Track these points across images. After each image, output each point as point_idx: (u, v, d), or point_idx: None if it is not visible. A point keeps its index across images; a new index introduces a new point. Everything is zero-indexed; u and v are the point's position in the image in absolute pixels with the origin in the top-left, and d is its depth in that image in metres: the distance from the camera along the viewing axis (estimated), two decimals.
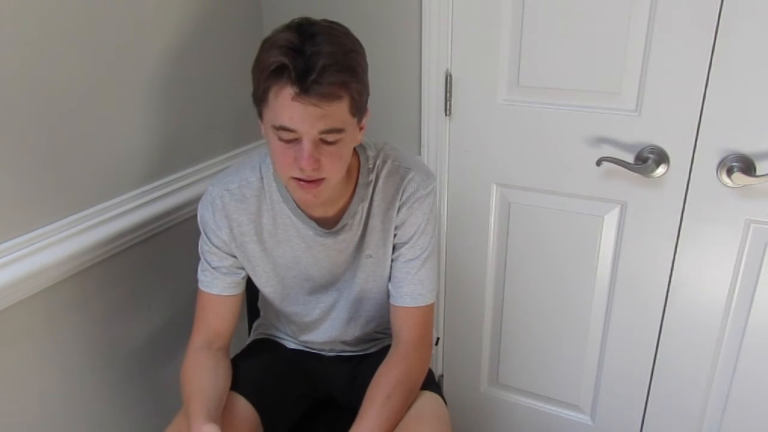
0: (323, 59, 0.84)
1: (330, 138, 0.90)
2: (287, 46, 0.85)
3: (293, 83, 0.85)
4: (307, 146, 0.89)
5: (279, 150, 0.92)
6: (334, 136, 0.90)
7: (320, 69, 0.84)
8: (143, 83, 1.24)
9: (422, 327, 1.12)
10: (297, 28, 0.88)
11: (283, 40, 0.86)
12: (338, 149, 0.92)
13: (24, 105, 1.02)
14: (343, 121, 0.90)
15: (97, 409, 1.26)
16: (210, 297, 1.11)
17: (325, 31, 0.88)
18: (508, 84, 1.40)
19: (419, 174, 1.08)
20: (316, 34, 0.86)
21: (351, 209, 1.07)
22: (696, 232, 1.32)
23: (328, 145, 0.91)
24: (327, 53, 0.85)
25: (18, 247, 1.03)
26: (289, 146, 0.91)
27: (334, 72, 0.85)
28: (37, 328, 1.10)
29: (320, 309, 1.18)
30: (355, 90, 0.89)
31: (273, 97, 0.88)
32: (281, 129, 0.89)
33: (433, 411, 1.08)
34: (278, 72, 0.86)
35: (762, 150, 1.20)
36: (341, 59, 0.86)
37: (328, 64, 0.85)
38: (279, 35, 0.88)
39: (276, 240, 1.10)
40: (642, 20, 1.22)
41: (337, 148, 0.92)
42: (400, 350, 1.10)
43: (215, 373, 1.06)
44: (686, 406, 1.46)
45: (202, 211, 1.10)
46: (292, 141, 0.90)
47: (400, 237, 1.09)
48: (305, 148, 0.89)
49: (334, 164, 0.93)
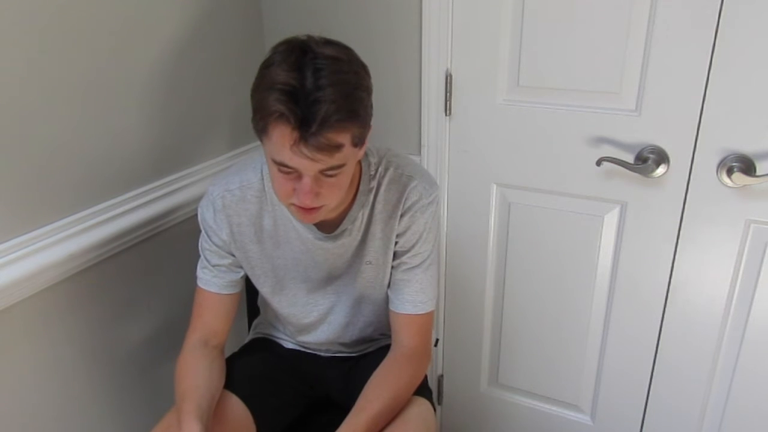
0: (325, 107, 0.81)
1: (331, 173, 0.89)
2: (286, 90, 0.82)
3: (293, 130, 0.82)
4: (307, 182, 0.88)
5: (278, 179, 0.92)
6: (334, 171, 0.89)
7: (321, 120, 0.81)
8: (143, 83, 1.24)
9: (422, 334, 1.12)
10: (298, 59, 0.83)
11: (282, 82, 0.82)
12: (338, 180, 0.92)
13: (23, 105, 1.01)
14: (344, 158, 0.88)
15: (94, 410, 1.25)
16: (208, 295, 1.12)
17: (327, 66, 0.83)
18: (508, 84, 1.39)
19: (422, 182, 1.07)
20: (319, 70, 0.82)
21: (351, 215, 1.07)
22: (696, 233, 1.32)
23: (329, 177, 0.90)
24: (330, 100, 0.81)
25: (17, 248, 1.03)
26: (289, 178, 0.90)
27: (335, 122, 0.82)
28: (36, 329, 1.10)
29: (317, 312, 1.18)
30: (356, 130, 0.87)
31: (274, 136, 0.85)
32: (281, 164, 0.88)
33: (420, 416, 1.08)
34: (278, 118, 0.83)
35: (762, 150, 1.20)
36: (344, 104, 0.83)
37: (330, 114, 0.81)
38: (279, 71, 0.83)
39: (275, 241, 1.10)
40: (642, 20, 1.22)
41: (338, 179, 0.91)
42: (400, 357, 1.10)
43: (209, 373, 1.06)
44: (686, 406, 1.46)
45: (202, 211, 1.10)
46: (293, 173, 0.89)
47: (401, 245, 1.09)
48: (305, 184, 0.88)
49: (333, 193, 0.93)
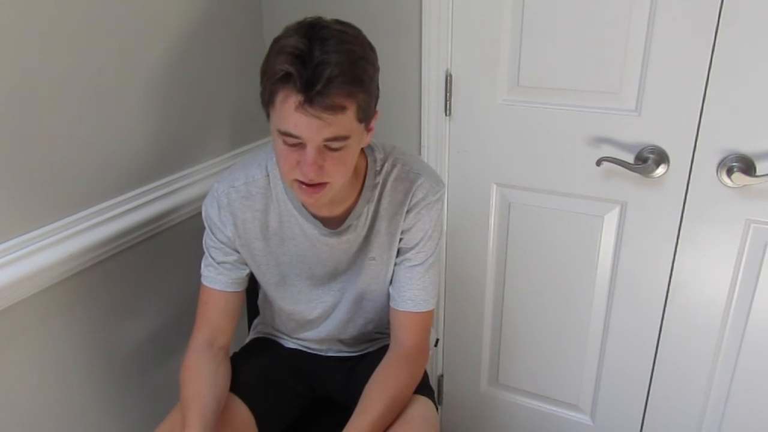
0: (330, 69, 0.83)
1: (335, 145, 0.90)
2: (294, 53, 0.84)
3: (298, 92, 0.84)
4: (311, 153, 0.89)
5: (283, 153, 0.92)
6: (338, 143, 0.90)
7: (326, 80, 0.83)
8: (143, 83, 1.24)
9: (421, 333, 1.12)
10: (307, 30, 0.86)
11: (291, 45, 0.85)
12: (343, 155, 0.92)
13: (23, 105, 1.01)
14: (348, 128, 0.89)
15: (94, 410, 1.25)
16: (213, 292, 1.11)
17: (335, 36, 0.86)
18: (508, 84, 1.39)
19: (429, 180, 1.07)
20: (326, 39, 0.85)
21: (356, 210, 1.07)
22: (696, 232, 1.32)
23: (333, 151, 0.90)
24: (334, 63, 0.84)
25: (17, 248, 1.03)
26: (294, 150, 0.91)
27: (339, 84, 0.84)
28: (36, 329, 1.10)
29: (321, 308, 1.18)
30: (361, 99, 0.88)
31: (279, 102, 0.88)
32: (286, 134, 0.89)
33: (421, 415, 1.08)
34: (284, 79, 0.85)
35: (762, 150, 1.20)
36: (348, 69, 0.85)
37: (334, 75, 0.83)
38: (288, 39, 0.86)
39: (281, 238, 1.10)
40: (642, 20, 1.22)
41: (342, 154, 0.92)
42: (399, 356, 1.10)
43: (215, 378, 1.06)
44: (686, 406, 1.46)
45: (207, 207, 1.10)
46: (297, 145, 0.90)
47: (406, 242, 1.09)
48: (309, 155, 0.89)
49: (338, 170, 0.93)
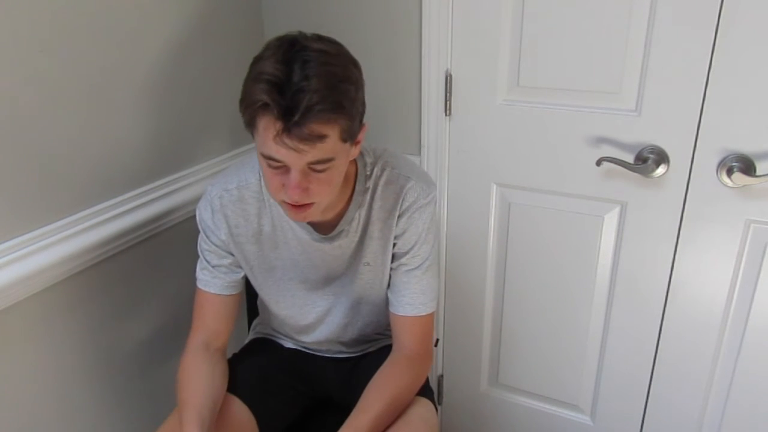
0: (308, 97, 0.81)
1: (319, 167, 0.89)
2: (272, 81, 0.82)
3: (276, 119, 0.83)
4: (295, 176, 0.88)
5: (268, 175, 0.91)
6: (323, 165, 0.88)
7: (304, 109, 0.81)
8: (142, 83, 1.24)
9: (423, 336, 1.11)
10: (286, 51, 0.84)
11: (268, 73, 0.82)
12: (328, 175, 0.91)
13: (23, 106, 1.01)
14: (332, 151, 0.87)
15: (94, 410, 1.25)
16: (208, 296, 1.11)
17: (314, 58, 0.83)
18: (508, 84, 1.39)
19: (419, 183, 1.06)
20: (307, 61, 0.83)
21: (348, 216, 1.06)
22: (696, 233, 1.32)
23: (319, 173, 0.90)
24: (314, 89, 0.81)
25: (17, 248, 1.03)
26: (278, 173, 0.90)
27: (317, 112, 0.82)
28: (36, 329, 1.10)
29: (316, 313, 1.17)
30: (343, 123, 0.86)
31: (261, 128, 0.86)
32: (269, 158, 0.88)
33: (421, 416, 1.08)
34: (262, 108, 0.84)
35: (762, 150, 1.20)
36: (328, 95, 0.82)
37: (313, 103, 0.81)
38: (266, 63, 0.84)
39: (274, 242, 1.10)
40: (642, 20, 1.22)
41: (328, 174, 0.91)
42: (402, 358, 1.10)
43: (211, 379, 1.06)
44: (686, 406, 1.46)
45: (201, 211, 1.10)
46: (281, 167, 0.89)
47: (400, 247, 1.08)
48: (293, 179, 0.88)
49: (323, 190, 0.92)
